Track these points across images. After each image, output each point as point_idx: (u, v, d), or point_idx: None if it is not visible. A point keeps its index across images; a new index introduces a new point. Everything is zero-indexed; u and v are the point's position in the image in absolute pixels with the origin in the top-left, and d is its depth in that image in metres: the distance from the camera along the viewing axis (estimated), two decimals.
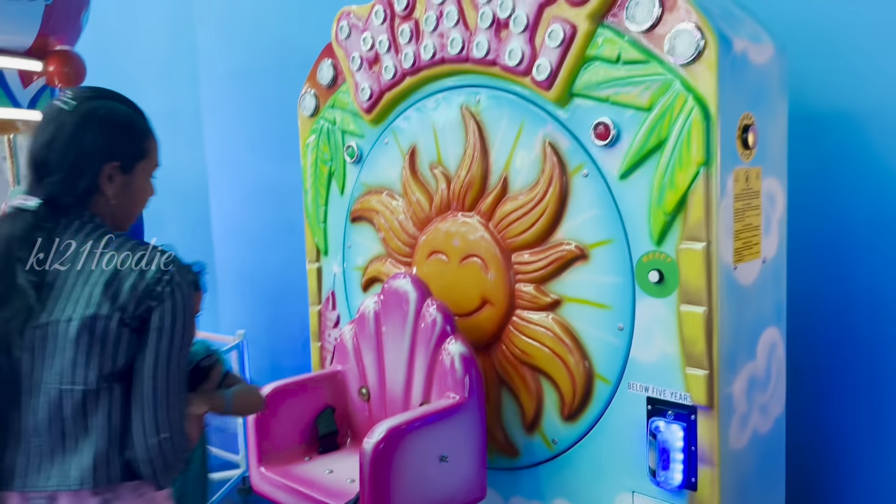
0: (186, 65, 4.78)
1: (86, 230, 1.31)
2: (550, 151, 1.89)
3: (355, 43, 2.31)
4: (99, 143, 1.32)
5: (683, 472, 1.73)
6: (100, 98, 1.38)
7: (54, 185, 1.31)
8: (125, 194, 1.37)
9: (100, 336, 1.24)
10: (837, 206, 2.21)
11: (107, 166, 1.32)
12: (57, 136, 1.31)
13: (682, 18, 1.63)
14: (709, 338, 1.67)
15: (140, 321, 1.25)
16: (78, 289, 1.26)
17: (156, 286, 1.25)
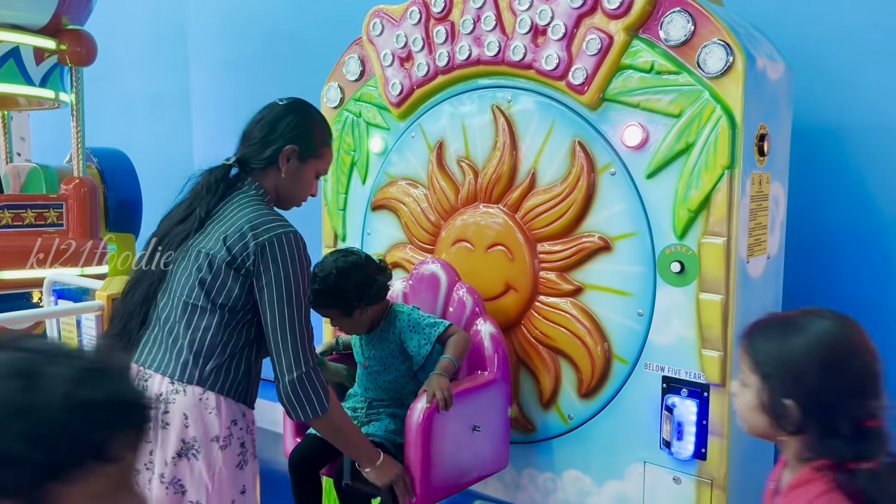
0: (176, 50, 4.80)
1: (248, 196, 1.67)
2: (580, 150, 2.06)
3: (388, 40, 2.44)
4: (290, 127, 1.72)
5: (695, 443, 1.92)
6: (306, 105, 1.81)
7: (248, 149, 1.73)
8: (293, 179, 1.74)
9: (214, 270, 1.58)
10: (821, 211, 2.44)
11: (289, 147, 1.71)
12: (264, 117, 1.75)
13: (713, 35, 1.83)
14: (724, 323, 1.86)
15: (245, 269, 1.57)
16: (215, 229, 1.62)
17: (260, 241, 1.57)
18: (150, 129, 5.08)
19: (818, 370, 1.12)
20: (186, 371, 1.57)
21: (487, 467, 2.07)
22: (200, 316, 1.59)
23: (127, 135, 5.06)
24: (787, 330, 1.17)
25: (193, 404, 1.56)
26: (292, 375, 1.57)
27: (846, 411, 1.10)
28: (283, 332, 1.57)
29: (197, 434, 1.56)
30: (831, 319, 1.15)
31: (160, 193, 4.73)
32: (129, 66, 5.10)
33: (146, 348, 1.64)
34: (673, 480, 1.98)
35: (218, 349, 1.59)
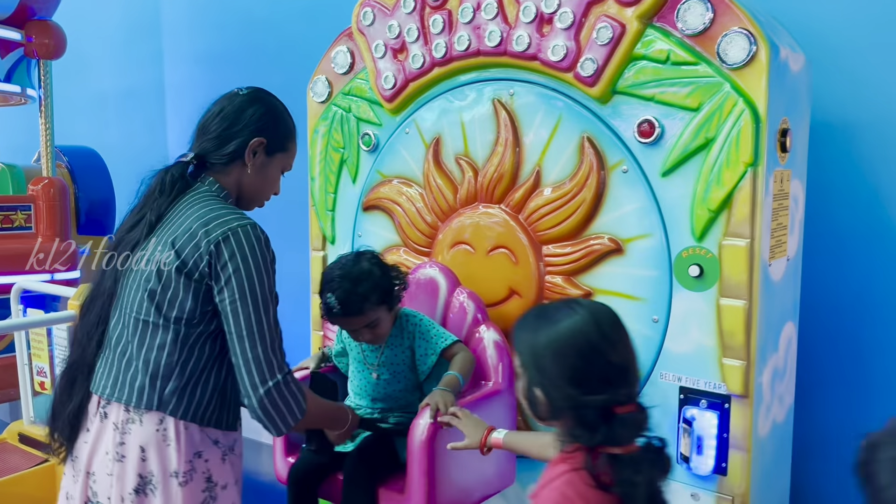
0: (150, 43, 4.60)
1: (202, 193, 1.49)
2: (589, 147, 1.94)
3: (380, 30, 2.29)
4: (256, 118, 1.54)
5: (715, 457, 1.81)
6: (269, 95, 1.63)
7: (208, 143, 1.54)
8: (259, 175, 1.57)
9: (163, 280, 1.41)
10: (833, 209, 2.35)
11: (256, 140, 1.54)
12: (226, 107, 1.56)
13: (734, 23, 1.71)
14: (748, 330, 1.75)
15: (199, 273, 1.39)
16: (165, 235, 1.44)
17: (213, 236, 1.39)
18: (123, 126, 4.88)
19: (556, 362, 1.17)
20: (144, 396, 1.40)
21: (493, 484, 1.94)
22: (153, 334, 1.41)
23: (98, 132, 4.85)
24: (539, 322, 1.22)
25: (150, 435, 1.40)
26: (266, 387, 1.37)
27: (589, 399, 1.14)
28: (250, 338, 1.38)
29: (154, 469, 1.40)
30: (581, 313, 1.19)
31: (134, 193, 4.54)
32: (99, 61, 4.88)
33: (101, 375, 1.47)
34: (691, 497, 1.86)
35: (177, 369, 1.40)
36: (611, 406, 1.15)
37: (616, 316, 1.23)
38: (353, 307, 1.80)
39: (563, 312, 1.20)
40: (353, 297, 1.79)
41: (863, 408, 2.31)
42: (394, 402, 1.96)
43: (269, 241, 1.45)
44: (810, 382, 2.27)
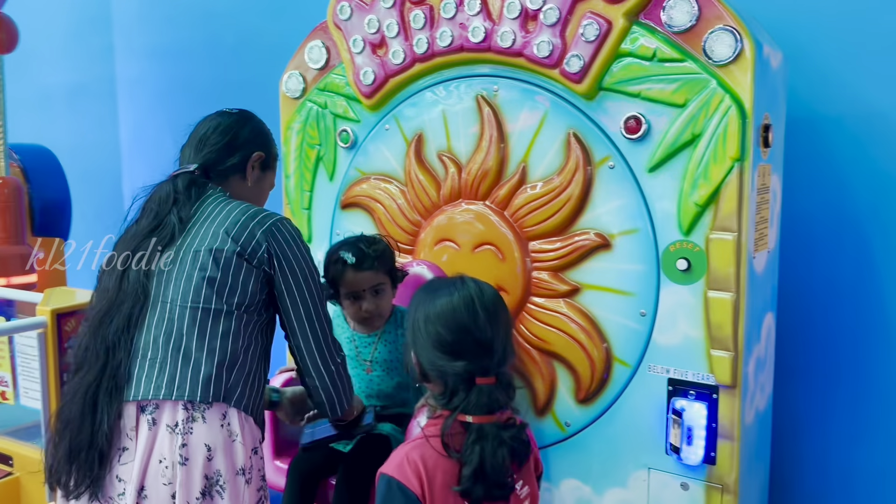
0: (100, 37, 4.45)
1: (222, 193, 1.57)
2: (575, 142, 1.95)
3: (358, 25, 2.26)
4: (252, 136, 1.66)
5: (705, 447, 1.84)
6: (255, 115, 1.75)
7: (211, 153, 1.61)
8: (255, 188, 1.67)
9: (223, 265, 1.43)
10: (799, 202, 2.42)
11: (256, 153, 1.65)
12: (221, 122, 1.64)
13: (720, 20, 1.74)
14: (735, 322, 1.79)
15: (258, 258, 1.45)
16: (207, 228, 1.47)
17: (266, 226, 1.48)
18: (72, 123, 4.70)
19: (427, 329, 1.31)
20: (210, 387, 1.36)
21: None
22: (215, 321, 1.41)
23: (45, 129, 4.66)
24: (425, 293, 1.38)
25: (216, 432, 1.35)
26: (335, 365, 1.51)
27: (449, 365, 1.29)
28: (317, 321, 1.48)
29: (222, 467, 1.35)
30: (460, 292, 1.33)
31: (86, 192, 4.40)
32: (46, 55, 4.69)
33: (143, 377, 1.38)
34: (680, 487, 1.89)
35: (241, 357, 1.41)
36: (471, 375, 1.29)
37: (495, 299, 1.38)
38: (367, 262, 1.87)
39: (446, 289, 1.35)
40: (367, 254, 1.87)
41: (833, 394, 2.39)
42: (388, 399, 1.95)
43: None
44: (786, 370, 2.34)
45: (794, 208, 2.34)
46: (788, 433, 2.39)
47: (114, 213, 4.57)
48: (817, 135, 2.41)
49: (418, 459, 1.28)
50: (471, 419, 1.28)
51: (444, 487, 1.28)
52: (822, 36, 2.37)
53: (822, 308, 2.42)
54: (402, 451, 1.32)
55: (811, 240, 2.40)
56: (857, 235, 2.37)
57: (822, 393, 2.40)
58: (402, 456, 1.30)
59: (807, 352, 2.41)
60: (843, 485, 2.41)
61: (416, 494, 1.26)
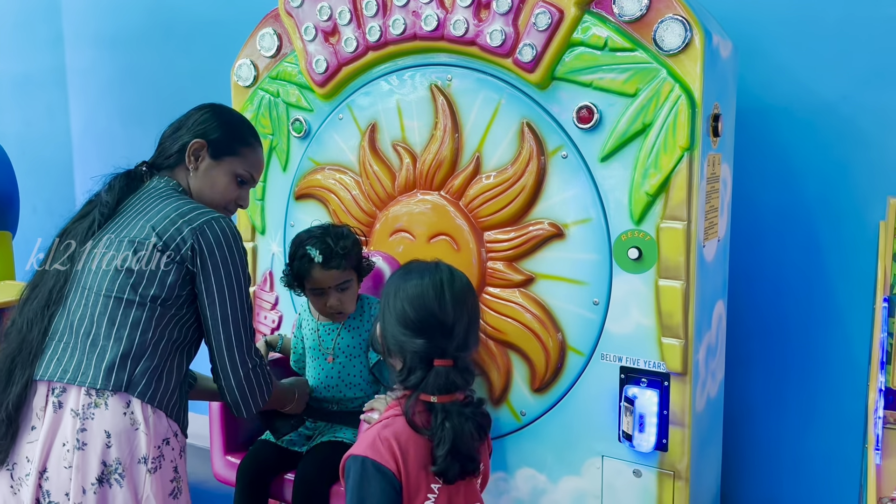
0: (49, 25, 4.32)
1: (165, 188, 1.55)
2: (529, 132, 1.94)
3: (309, 12, 2.22)
4: (198, 122, 1.61)
5: (656, 434, 1.86)
6: (223, 106, 1.69)
7: (158, 150, 1.63)
8: (205, 179, 1.60)
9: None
10: (750, 191, 2.45)
11: (196, 141, 1.58)
12: (178, 118, 1.65)
13: (669, 10, 1.75)
14: (685, 310, 1.81)
15: (181, 255, 1.43)
16: (135, 220, 1.47)
17: (196, 224, 1.45)
18: (20, 113, 4.56)
19: (395, 305, 1.37)
20: (112, 376, 1.36)
21: None
22: (126, 310, 1.41)
23: None
24: (400, 273, 1.45)
25: (117, 420, 1.35)
26: (246, 369, 1.50)
27: (409, 342, 1.34)
28: (234, 322, 1.47)
29: (121, 455, 1.35)
30: (431, 276, 1.39)
31: (35, 185, 4.27)
32: None
33: (55, 359, 1.40)
34: (633, 473, 1.91)
35: (149, 349, 1.40)
36: (429, 355, 1.34)
37: (465, 287, 1.42)
38: (334, 261, 1.83)
39: (420, 271, 1.41)
40: (334, 250, 1.83)
41: (784, 380, 2.44)
42: (347, 389, 1.93)
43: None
44: (738, 358, 2.37)
45: (744, 197, 2.37)
46: (740, 419, 2.43)
47: (65, 205, 4.44)
48: (767, 125, 2.44)
49: (391, 437, 1.31)
50: (434, 399, 1.33)
51: (416, 464, 1.31)
52: (772, 27, 2.39)
53: (772, 295, 2.46)
54: (372, 432, 1.33)
55: (761, 228, 2.44)
56: (806, 224, 2.41)
57: (773, 379, 2.45)
58: (374, 435, 1.31)
59: (758, 339, 2.45)
60: (794, 469, 2.46)
61: (392, 472, 1.28)
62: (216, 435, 1.99)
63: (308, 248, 1.83)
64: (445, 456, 1.30)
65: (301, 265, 1.85)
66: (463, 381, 1.37)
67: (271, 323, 2.50)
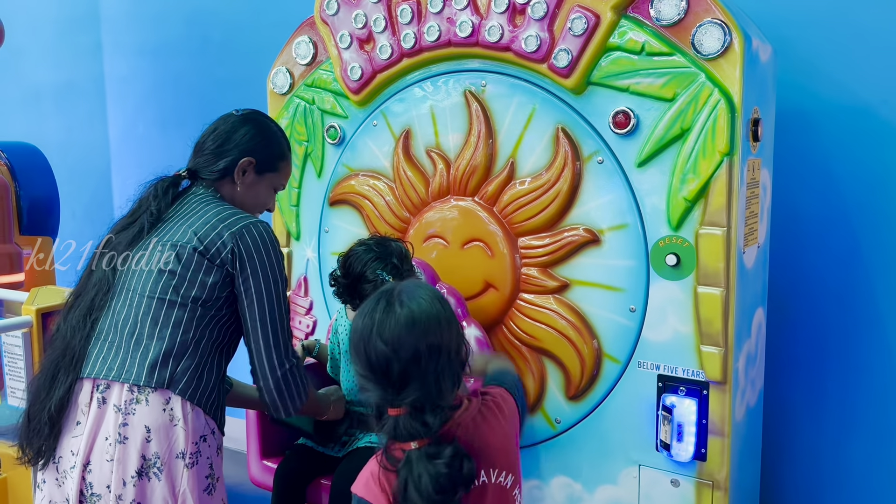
0: (89, 35, 4.41)
1: (206, 195, 1.60)
2: (564, 138, 1.93)
3: (345, 20, 2.24)
4: (247, 139, 1.65)
5: (695, 444, 1.83)
6: (263, 116, 1.74)
7: (201, 160, 1.65)
8: (248, 192, 1.66)
9: (184, 261, 1.47)
10: (789, 196, 2.41)
11: (245, 159, 1.64)
12: (219, 127, 1.67)
13: (708, 14, 1.72)
14: (725, 317, 1.78)
15: (221, 259, 1.48)
16: (178, 226, 1.52)
17: (235, 228, 1.51)
18: (61, 121, 4.66)
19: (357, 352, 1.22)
20: (155, 373, 1.41)
21: None
22: (169, 311, 1.46)
23: (34, 128, 4.63)
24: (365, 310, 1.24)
25: (157, 415, 1.40)
26: (284, 369, 1.52)
27: (366, 395, 1.23)
28: (271, 325, 1.50)
29: (160, 450, 1.40)
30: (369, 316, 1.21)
31: (74, 190, 4.37)
32: (34, 53, 4.65)
33: (100, 359, 1.46)
34: (671, 483, 1.89)
35: (190, 348, 1.45)
36: (383, 406, 1.21)
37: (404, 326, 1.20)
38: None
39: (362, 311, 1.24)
40: (401, 271, 1.83)
41: (824, 388, 2.39)
42: None
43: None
44: (777, 366, 2.33)
45: (784, 203, 2.33)
46: (779, 428, 2.39)
47: (103, 211, 4.55)
48: (807, 129, 2.40)
49: (383, 476, 1.22)
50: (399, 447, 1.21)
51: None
52: (812, 30, 2.35)
53: (812, 302, 2.41)
54: (368, 469, 1.28)
55: (801, 234, 2.39)
56: (847, 229, 2.36)
57: (813, 388, 2.40)
58: (368, 474, 1.26)
59: (797, 347, 2.40)
60: (835, 479, 2.41)
61: None
62: (253, 439, 2.01)
63: (380, 273, 1.81)
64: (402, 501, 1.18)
65: (370, 288, 1.81)
66: (422, 427, 1.19)
67: (305, 328, 2.51)
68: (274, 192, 1.74)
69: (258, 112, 1.75)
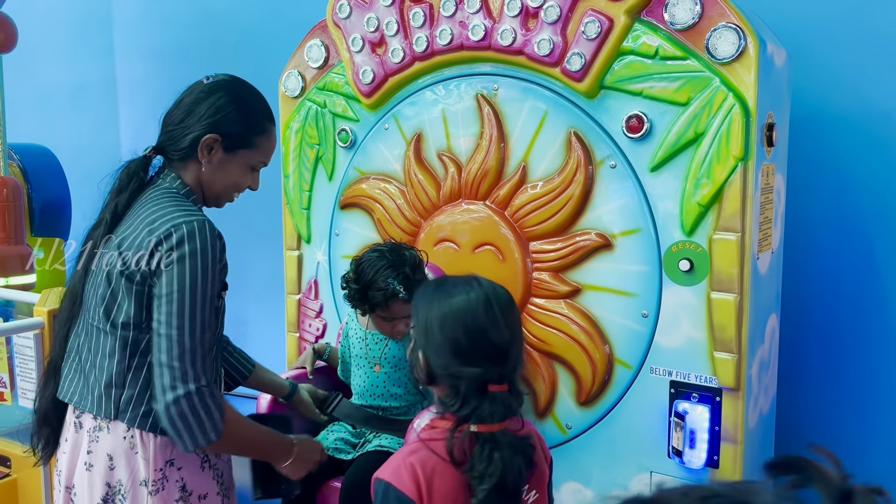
0: (100, 37, 4.43)
1: (163, 187, 1.41)
2: (576, 142, 1.92)
3: (357, 24, 2.24)
4: (210, 112, 1.42)
5: (707, 451, 1.82)
6: (235, 80, 1.50)
7: (165, 138, 1.47)
8: (217, 171, 1.45)
9: (112, 285, 1.35)
10: (803, 202, 2.39)
11: (209, 136, 1.41)
12: (184, 99, 1.47)
13: (722, 18, 1.72)
14: (738, 324, 1.76)
15: (140, 273, 1.32)
16: (122, 239, 1.36)
17: (158, 239, 1.31)
18: (72, 123, 4.68)
19: (442, 331, 1.23)
20: (102, 404, 1.37)
21: None
22: (103, 340, 1.37)
23: (45, 129, 4.65)
24: (437, 292, 1.29)
25: (118, 443, 1.37)
26: (175, 394, 1.26)
27: (465, 371, 1.21)
28: (171, 339, 1.27)
29: (122, 477, 1.37)
30: (476, 292, 1.26)
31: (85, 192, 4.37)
32: (47, 55, 4.68)
33: (67, 379, 1.46)
34: None
35: (129, 377, 1.35)
36: (484, 381, 1.22)
37: (509, 301, 1.29)
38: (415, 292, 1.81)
39: (461, 288, 1.27)
40: (413, 281, 1.81)
41: (837, 396, 2.37)
42: (392, 399, 1.93)
43: (222, 244, 1.35)
44: (790, 372, 2.31)
45: (797, 208, 2.31)
46: (792, 436, 2.36)
47: None
48: (822, 134, 2.38)
49: (416, 464, 1.23)
50: (483, 429, 1.21)
51: (443, 493, 1.23)
52: (827, 34, 2.34)
53: (825, 309, 2.39)
54: (399, 456, 1.29)
55: (815, 240, 2.37)
56: (862, 235, 2.34)
57: (826, 395, 2.38)
58: (399, 461, 1.26)
59: (811, 353, 2.38)
60: None
61: (413, 501, 1.23)
62: None
63: (391, 282, 1.80)
64: (490, 491, 1.19)
65: (382, 296, 1.81)
66: (518, 404, 1.27)
67: (315, 331, 2.51)
68: (251, 170, 1.50)
69: (232, 78, 1.50)
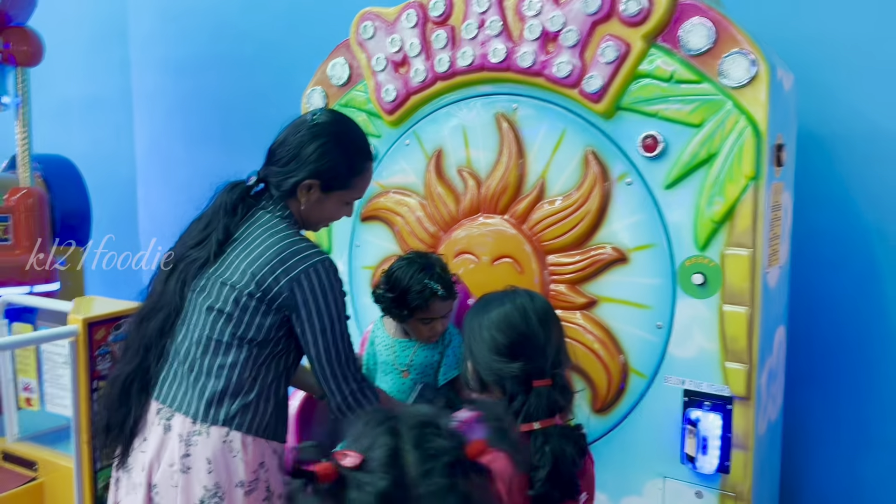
0: (117, 50, 4.52)
1: (271, 220, 1.57)
2: (593, 159, 2.01)
3: (380, 44, 2.33)
4: (312, 160, 1.57)
5: (719, 457, 1.89)
6: (339, 122, 1.65)
7: (272, 173, 1.61)
8: (315, 208, 1.62)
9: (241, 304, 1.48)
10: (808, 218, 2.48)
11: (308, 181, 1.58)
12: (289, 137, 1.60)
13: (735, 45, 1.80)
14: (750, 335, 1.84)
15: (277, 304, 1.48)
16: (239, 261, 1.50)
17: (293, 274, 1.48)
18: (89, 134, 4.77)
19: (483, 336, 1.37)
20: (210, 411, 1.46)
21: None
22: (226, 352, 1.48)
23: (63, 140, 4.73)
24: (480, 306, 1.44)
25: (217, 448, 1.46)
26: (343, 394, 1.55)
27: (506, 367, 1.33)
28: (328, 360, 1.53)
29: (220, 479, 1.45)
30: (513, 302, 1.40)
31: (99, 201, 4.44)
32: (64, 67, 4.76)
33: (166, 384, 1.52)
34: (695, 495, 1.95)
35: (246, 387, 1.48)
36: (527, 377, 1.33)
37: (544, 304, 1.43)
38: (452, 291, 1.94)
39: (499, 301, 1.42)
40: (449, 282, 1.93)
41: (840, 404, 2.45)
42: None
43: (337, 271, 1.57)
44: (796, 382, 2.39)
45: (803, 224, 2.40)
46: (797, 442, 2.44)
47: (128, 221, 4.64)
48: (825, 154, 2.47)
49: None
50: (537, 425, 1.30)
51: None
52: (830, 57, 2.43)
53: (829, 321, 2.48)
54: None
55: (820, 255, 2.46)
56: (864, 250, 2.43)
57: (830, 403, 2.46)
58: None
59: (816, 364, 2.46)
60: (850, 492, 2.46)
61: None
62: (290, 441, 2.08)
63: (429, 283, 1.90)
64: (545, 479, 1.27)
65: (420, 298, 1.90)
66: (564, 399, 1.36)
67: None
68: (346, 205, 1.68)
69: (335, 119, 1.65)
